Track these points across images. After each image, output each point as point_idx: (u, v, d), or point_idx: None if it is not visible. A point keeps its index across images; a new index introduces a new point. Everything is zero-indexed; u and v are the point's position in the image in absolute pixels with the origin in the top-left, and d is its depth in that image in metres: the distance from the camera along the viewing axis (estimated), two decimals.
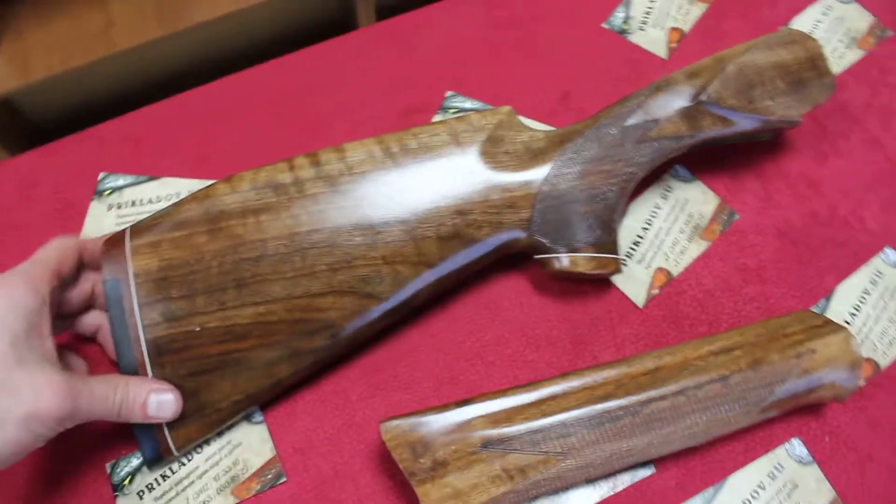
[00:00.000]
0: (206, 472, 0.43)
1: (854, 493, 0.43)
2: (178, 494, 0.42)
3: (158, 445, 0.40)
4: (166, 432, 0.40)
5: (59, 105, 1.33)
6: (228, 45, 1.38)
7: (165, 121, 0.54)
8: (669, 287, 0.48)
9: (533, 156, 0.44)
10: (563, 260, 0.44)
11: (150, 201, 0.51)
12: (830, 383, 0.41)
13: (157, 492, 0.42)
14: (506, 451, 0.39)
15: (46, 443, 0.35)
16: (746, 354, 0.41)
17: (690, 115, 0.44)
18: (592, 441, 0.39)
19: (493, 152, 0.44)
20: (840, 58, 0.55)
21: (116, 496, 0.42)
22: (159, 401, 0.39)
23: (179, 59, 1.38)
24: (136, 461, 0.43)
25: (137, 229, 0.41)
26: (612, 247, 0.44)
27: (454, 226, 0.42)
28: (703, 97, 0.44)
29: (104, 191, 0.52)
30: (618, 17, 0.56)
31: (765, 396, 0.41)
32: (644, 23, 0.56)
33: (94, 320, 0.43)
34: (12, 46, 1.20)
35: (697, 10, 0.57)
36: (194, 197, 0.42)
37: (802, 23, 0.56)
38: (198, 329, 0.40)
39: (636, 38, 0.56)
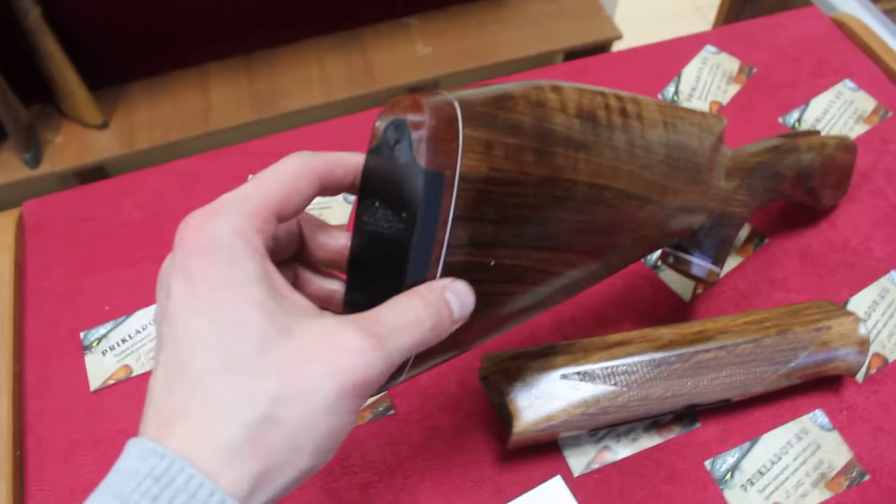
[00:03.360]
0: None
1: (868, 455, 0.51)
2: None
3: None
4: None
5: None
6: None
7: (302, 141, 0.68)
8: (711, 290, 0.59)
9: (728, 172, 0.50)
10: (701, 269, 0.51)
11: None
12: (843, 357, 0.51)
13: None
14: (581, 381, 0.49)
15: None
16: (775, 325, 0.51)
17: (796, 182, 0.56)
18: (651, 378, 0.49)
19: (715, 153, 0.47)
20: (850, 130, 0.68)
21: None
22: (456, 292, 0.31)
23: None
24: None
25: (471, 112, 0.32)
26: (723, 264, 0.53)
27: (686, 205, 0.45)
28: (806, 167, 0.56)
29: None
30: (670, 90, 0.71)
31: (790, 359, 0.50)
32: (691, 96, 0.70)
33: (323, 285, 0.35)
34: (121, 121, 1.39)
35: (733, 89, 0.71)
36: (527, 96, 0.35)
37: (820, 103, 0.70)
38: (492, 263, 0.33)
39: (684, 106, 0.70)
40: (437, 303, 0.29)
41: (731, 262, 0.60)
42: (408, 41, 1.53)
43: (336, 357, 0.26)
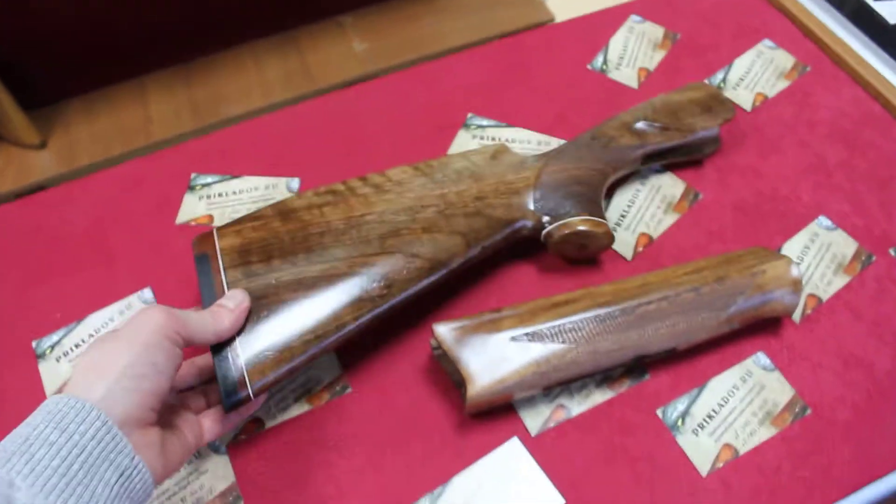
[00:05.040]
0: None
1: (808, 390, 0.53)
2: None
3: (236, 381, 0.45)
4: (243, 366, 0.45)
5: None
6: None
7: (242, 137, 0.68)
8: (651, 247, 0.60)
9: (527, 164, 0.58)
10: (562, 226, 0.55)
11: (234, 192, 0.64)
12: (779, 298, 0.53)
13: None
14: (531, 342, 0.50)
15: None
16: (713, 273, 0.53)
17: (636, 132, 0.61)
18: (598, 333, 0.50)
19: (496, 161, 0.58)
20: (773, 86, 0.71)
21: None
22: (229, 295, 0.47)
23: None
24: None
25: (222, 227, 0.52)
26: (598, 215, 0.56)
27: (475, 206, 0.55)
28: (643, 120, 0.61)
29: (196, 186, 0.65)
30: (598, 60, 0.73)
31: (729, 304, 0.52)
32: (619, 64, 0.72)
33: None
34: (59, 140, 1.36)
35: (659, 55, 0.73)
36: (268, 206, 0.54)
37: (742, 63, 0.72)
38: (273, 282, 0.49)
39: (613, 75, 0.72)
40: (212, 316, 0.45)
41: (669, 219, 0.62)
42: (343, 39, 1.52)
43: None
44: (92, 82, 1.42)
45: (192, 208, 0.63)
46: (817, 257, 0.60)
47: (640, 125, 0.61)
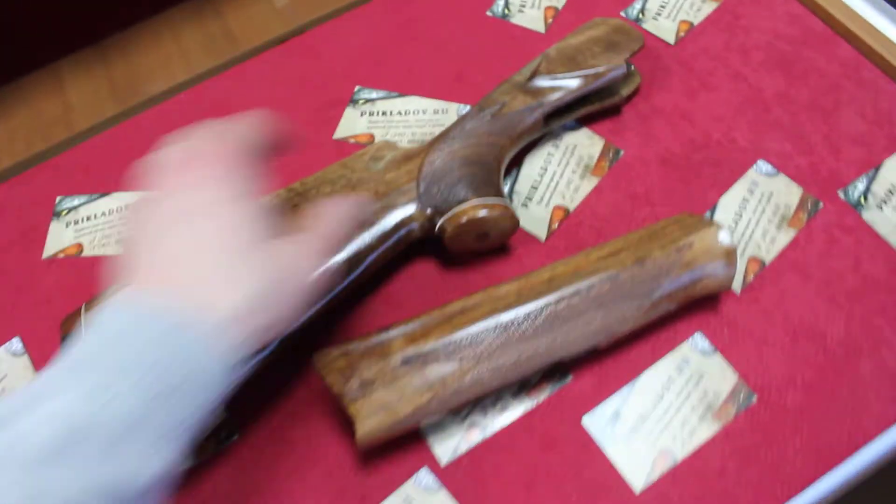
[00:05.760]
0: None
1: (753, 373, 0.46)
2: None
3: None
4: None
5: None
6: None
7: (109, 148, 0.59)
8: (568, 221, 0.53)
9: (411, 155, 0.50)
10: (453, 217, 0.47)
11: (104, 214, 0.56)
12: (711, 274, 0.46)
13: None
14: (425, 364, 0.43)
15: None
16: (631, 254, 0.45)
17: (531, 90, 0.52)
18: (500, 345, 0.43)
19: (376, 161, 0.50)
20: (698, 11, 0.61)
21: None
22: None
23: None
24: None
25: (89, 304, 0.45)
26: (494, 196, 0.48)
27: None
28: (538, 75, 0.52)
29: (61, 211, 0.57)
30: (499, 4, 0.63)
31: (654, 289, 0.45)
32: (523, 5, 0.63)
33: None
34: None
35: None
36: None
37: None
38: None
39: (517, 19, 0.62)
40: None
41: (587, 185, 0.54)
42: None
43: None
44: (3, 74, 1.31)
45: (58, 240, 0.55)
46: (757, 211, 0.52)
47: (534, 82, 0.52)
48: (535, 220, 0.52)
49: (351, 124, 0.58)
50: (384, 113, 0.58)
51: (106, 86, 1.35)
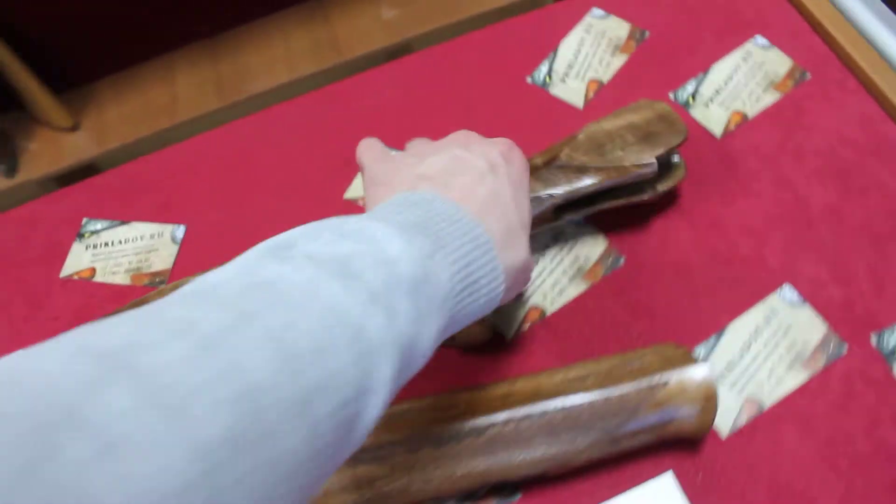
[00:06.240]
0: None
1: None
2: None
3: None
4: None
5: None
6: None
7: (136, 176, 0.62)
8: (542, 325, 0.49)
9: None
10: None
11: (120, 242, 0.59)
12: (686, 416, 0.42)
13: None
14: (356, 462, 0.41)
15: None
16: (597, 382, 0.42)
17: (543, 177, 0.48)
18: (436, 458, 0.41)
19: None
20: (756, 101, 0.56)
21: None
22: None
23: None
24: None
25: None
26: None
27: None
28: (561, 159, 0.48)
29: (85, 233, 0.60)
30: (541, 71, 0.60)
31: (616, 425, 0.41)
32: (566, 75, 0.59)
33: None
34: (92, 121, 1.37)
35: (618, 62, 0.59)
36: None
37: (722, 69, 0.57)
38: None
39: (557, 90, 0.59)
40: None
41: (574, 289, 0.50)
42: (373, 5, 1.42)
43: None
44: (121, 61, 1.42)
45: (77, 260, 0.58)
46: (769, 345, 0.47)
47: (551, 168, 0.49)
48: (506, 313, 0.50)
49: (357, 185, 0.57)
50: None
51: (212, 81, 1.43)
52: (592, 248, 0.51)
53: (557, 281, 0.50)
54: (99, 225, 0.60)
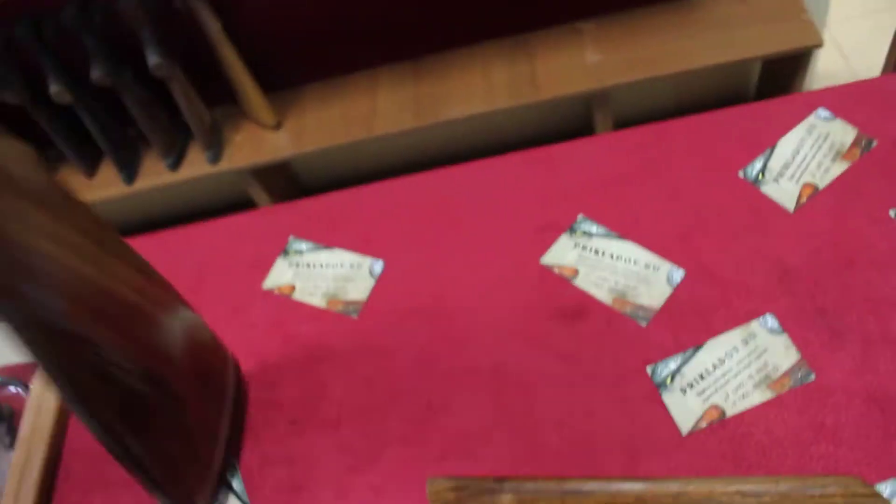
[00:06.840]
0: None
1: None
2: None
3: None
4: None
5: (324, 172, 1.62)
6: (479, 140, 1.56)
7: (342, 204, 0.68)
8: (722, 427, 0.49)
9: None
10: None
11: (321, 266, 0.65)
12: None
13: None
14: None
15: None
16: (773, 499, 0.42)
17: None
18: None
19: None
20: None
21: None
22: None
23: (433, 146, 1.59)
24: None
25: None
26: None
27: None
28: None
29: (290, 250, 0.67)
30: (755, 166, 0.60)
31: None
32: (780, 175, 0.59)
33: None
34: (293, 123, 1.49)
35: (837, 169, 0.58)
36: None
37: None
38: None
39: (768, 188, 0.59)
40: None
41: (758, 396, 0.50)
42: (578, 48, 1.44)
43: None
44: (328, 71, 1.53)
45: (280, 274, 0.65)
46: None
47: None
48: (683, 407, 0.50)
49: (563, 251, 0.60)
50: (597, 252, 0.59)
51: (411, 100, 1.52)
52: (783, 359, 0.51)
53: (742, 384, 0.50)
54: (304, 245, 0.67)
